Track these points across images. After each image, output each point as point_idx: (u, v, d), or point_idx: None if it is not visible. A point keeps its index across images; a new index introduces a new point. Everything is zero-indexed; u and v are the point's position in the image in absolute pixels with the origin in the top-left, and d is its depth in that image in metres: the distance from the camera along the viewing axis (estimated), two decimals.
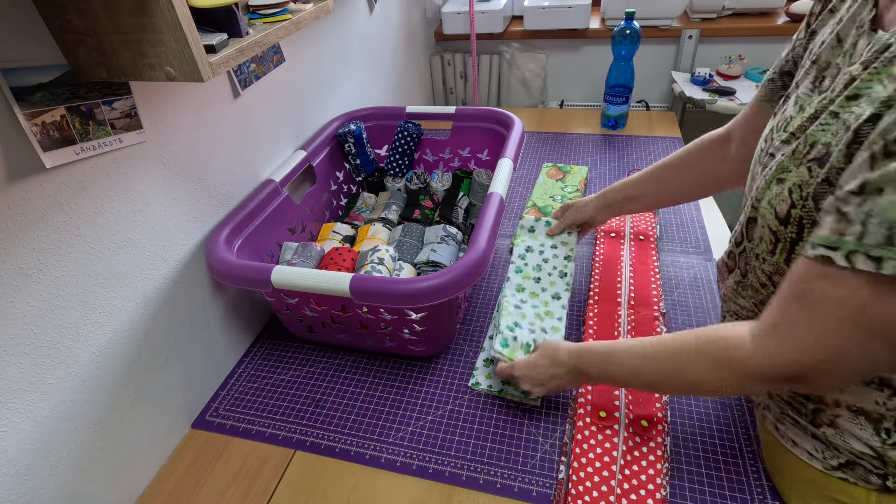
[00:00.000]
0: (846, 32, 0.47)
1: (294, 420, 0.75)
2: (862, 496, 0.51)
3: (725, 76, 1.66)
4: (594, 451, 0.64)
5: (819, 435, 0.52)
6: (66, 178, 0.55)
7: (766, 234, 0.51)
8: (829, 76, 0.47)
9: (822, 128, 0.44)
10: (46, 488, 0.57)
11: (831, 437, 0.51)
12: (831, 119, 0.43)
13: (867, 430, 0.48)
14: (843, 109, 0.42)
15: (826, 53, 0.49)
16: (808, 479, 0.55)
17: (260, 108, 0.89)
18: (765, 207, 0.50)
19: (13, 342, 0.52)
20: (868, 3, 0.45)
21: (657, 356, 0.54)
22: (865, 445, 0.49)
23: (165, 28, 0.47)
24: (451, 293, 0.64)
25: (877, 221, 0.36)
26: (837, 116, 0.42)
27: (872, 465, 0.49)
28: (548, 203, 1.11)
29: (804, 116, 0.47)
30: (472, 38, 1.74)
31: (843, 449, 0.51)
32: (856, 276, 0.38)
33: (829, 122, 0.43)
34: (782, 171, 0.48)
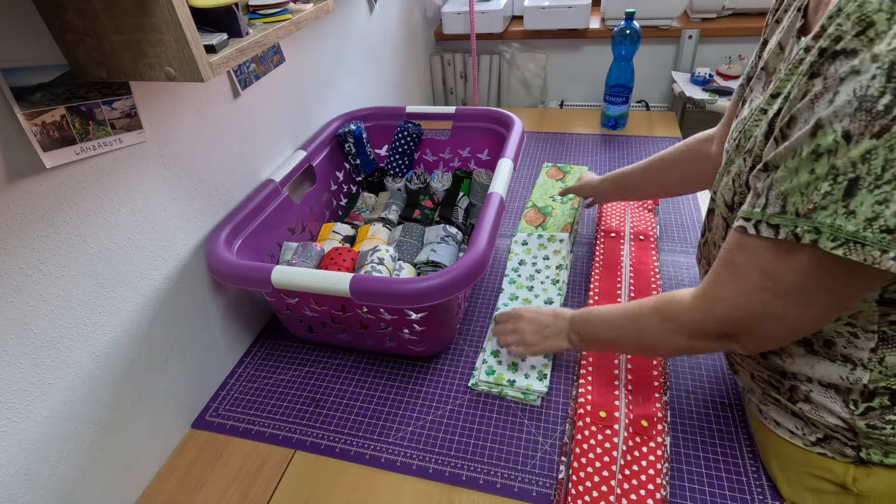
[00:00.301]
0: (786, 40, 0.51)
1: (294, 420, 0.75)
2: (840, 470, 0.53)
3: (725, 76, 1.66)
4: (594, 451, 0.64)
5: (797, 412, 0.55)
6: (66, 178, 0.55)
7: (719, 222, 0.57)
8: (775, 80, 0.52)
9: (754, 123, 0.50)
10: (46, 488, 0.57)
11: (808, 412, 0.53)
12: (761, 115, 0.49)
13: (837, 402, 0.51)
14: (769, 106, 0.47)
15: (772, 60, 0.53)
16: (792, 458, 0.57)
17: (260, 108, 0.89)
18: (718, 197, 0.56)
19: (13, 342, 0.52)
20: (799, 13, 0.49)
21: (625, 318, 0.62)
22: (837, 418, 0.51)
23: (165, 28, 0.47)
24: (451, 293, 0.64)
25: (774, 194, 0.41)
26: (765, 112, 0.48)
27: (846, 437, 0.52)
28: (547, 203, 1.11)
29: (750, 115, 0.52)
30: (472, 38, 1.74)
31: (819, 424, 0.53)
32: (761, 242, 0.43)
33: (759, 118, 0.49)
34: (729, 164, 0.53)
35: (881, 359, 0.47)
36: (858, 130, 0.35)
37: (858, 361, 0.48)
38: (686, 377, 0.75)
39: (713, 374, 0.75)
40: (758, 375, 0.59)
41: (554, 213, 1.07)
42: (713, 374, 0.75)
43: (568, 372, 0.77)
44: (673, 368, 0.76)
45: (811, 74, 0.39)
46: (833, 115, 0.36)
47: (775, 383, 0.56)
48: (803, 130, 0.38)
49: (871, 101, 0.34)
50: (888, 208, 0.35)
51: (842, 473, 0.53)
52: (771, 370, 0.56)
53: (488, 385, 0.76)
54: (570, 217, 1.04)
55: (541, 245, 0.98)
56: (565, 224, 1.03)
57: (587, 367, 0.74)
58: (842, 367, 0.50)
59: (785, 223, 0.40)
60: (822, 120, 0.37)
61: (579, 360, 0.76)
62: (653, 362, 0.73)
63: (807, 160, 0.38)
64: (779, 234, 0.41)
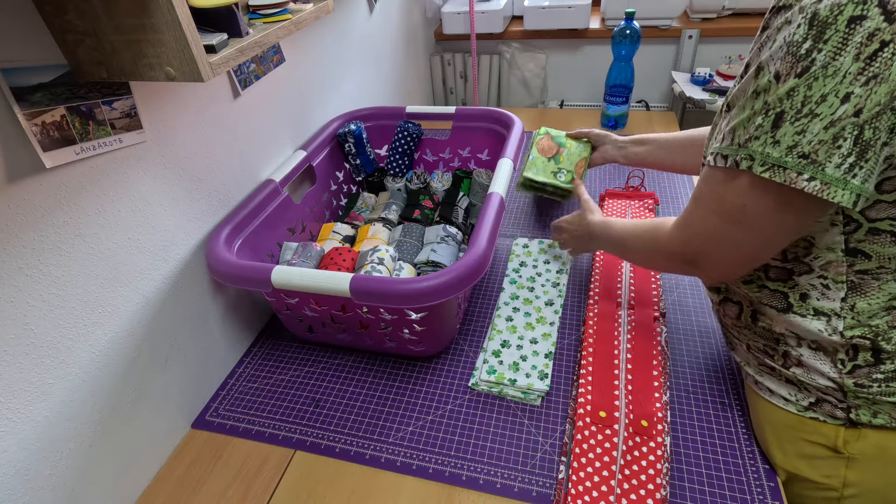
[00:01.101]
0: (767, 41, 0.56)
1: (294, 420, 0.75)
2: (832, 433, 0.55)
3: (725, 76, 1.66)
4: (594, 451, 0.64)
5: (791, 377, 0.57)
6: (66, 178, 0.55)
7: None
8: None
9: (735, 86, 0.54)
10: (46, 488, 0.57)
11: (801, 376, 0.56)
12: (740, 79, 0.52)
13: (826, 363, 0.53)
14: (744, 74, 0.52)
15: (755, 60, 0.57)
16: (785, 424, 0.59)
17: (260, 108, 0.89)
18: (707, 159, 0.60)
19: (13, 342, 0.52)
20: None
21: (627, 235, 0.70)
22: (827, 379, 0.54)
23: (165, 28, 0.47)
24: (451, 293, 0.64)
25: (728, 129, 0.47)
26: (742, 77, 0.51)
27: (836, 398, 0.54)
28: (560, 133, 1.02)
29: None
30: (472, 38, 1.74)
31: (811, 387, 0.56)
32: (716, 171, 0.49)
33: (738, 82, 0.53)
34: (714, 126, 0.57)
35: (852, 306, 0.51)
36: (785, 71, 0.41)
37: (832, 312, 0.52)
38: (686, 377, 0.75)
39: (713, 374, 0.75)
40: (753, 346, 0.61)
41: (569, 146, 1.00)
42: (713, 374, 0.75)
43: (568, 372, 0.77)
44: (673, 368, 0.76)
45: (763, 28, 0.45)
46: (769, 58, 0.42)
47: (770, 351, 0.59)
48: (749, 73, 0.45)
49: (796, 46, 0.40)
50: (804, 137, 0.41)
51: (833, 436, 0.55)
52: (764, 338, 0.59)
53: (489, 385, 0.76)
54: (586, 151, 0.99)
55: (541, 250, 1.00)
56: (580, 160, 0.99)
57: (587, 367, 0.74)
58: (818, 320, 0.53)
59: (730, 153, 0.46)
60: (762, 63, 0.43)
61: (579, 361, 0.77)
62: (652, 362, 0.73)
63: (750, 98, 0.44)
64: (726, 163, 0.46)
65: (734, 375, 0.74)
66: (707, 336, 0.80)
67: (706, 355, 0.77)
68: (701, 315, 0.84)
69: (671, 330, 0.82)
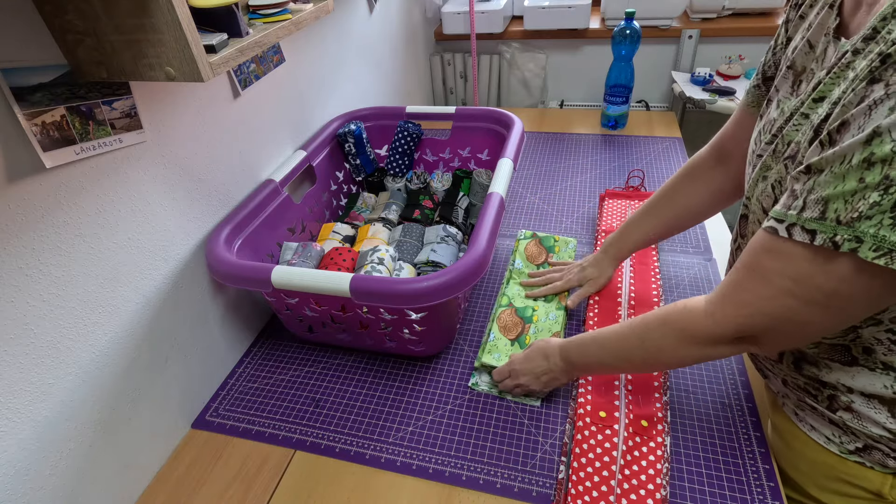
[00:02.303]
0: (816, 38, 0.49)
1: (294, 420, 0.75)
2: (877, 479, 0.53)
3: (725, 76, 1.66)
4: (594, 451, 0.64)
5: (836, 420, 0.54)
6: (66, 178, 0.55)
7: (756, 229, 0.54)
8: (806, 80, 0.50)
9: (794, 128, 0.48)
10: (46, 488, 0.57)
11: (849, 421, 0.53)
12: (802, 120, 0.47)
13: (882, 413, 0.50)
14: (811, 111, 0.46)
15: (800, 58, 0.51)
16: (825, 463, 0.57)
17: (260, 108, 0.89)
18: (754, 204, 0.54)
19: (13, 342, 0.52)
20: (833, 11, 0.47)
21: (626, 333, 0.60)
22: (883, 429, 0.50)
23: (165, 28, 0.47)
24: (451, 293, 0.64)
25: (814, 198, 0.39)
26: (807, 117, 0.46)
27: (890, 448, 0.51)
28: (527, 304, 0.86)
29: (783, 118, 0.50)
30: (472, 38, 1.74)
31: (860, 433, 0.52)
32: (795, 247, 0.41)
33: (800, 123, 0.47)
34: (766, 169, 0.52)
35: None
36: None
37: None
38: (686, 377, 0.75)
39: (713, 374, 0.75)
40: (792, 382, 0.58)
41: (535, 319, 0.83)
42: (713, 374, 0.75)
43: None
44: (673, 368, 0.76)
45: (871, 80, 0.37)
46: (893, 124, 0.34)
47: (812, 391, 0.56)
48: (857, 137, 0.36)
49: None
50: None
51: (879, 483, 0.53)
52: (807, 378, 0.55)
53: (488, 385, 0.76)
54: (559, 322, 0.81)
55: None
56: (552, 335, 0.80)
57: None
58: (884, 375, 0.49)
59: (823, 229, 0.38)
60: (881, 128, 0.35)
61: None
62: None
63: (857, 167, 0.36)
64: (815, 240, 0.39)
65: (734, 375, 0.74)
66: None
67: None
68: None
69: None
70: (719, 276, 0.90)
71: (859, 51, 0.40)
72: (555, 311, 0.84)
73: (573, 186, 1.20)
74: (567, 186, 1.20)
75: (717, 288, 0.51)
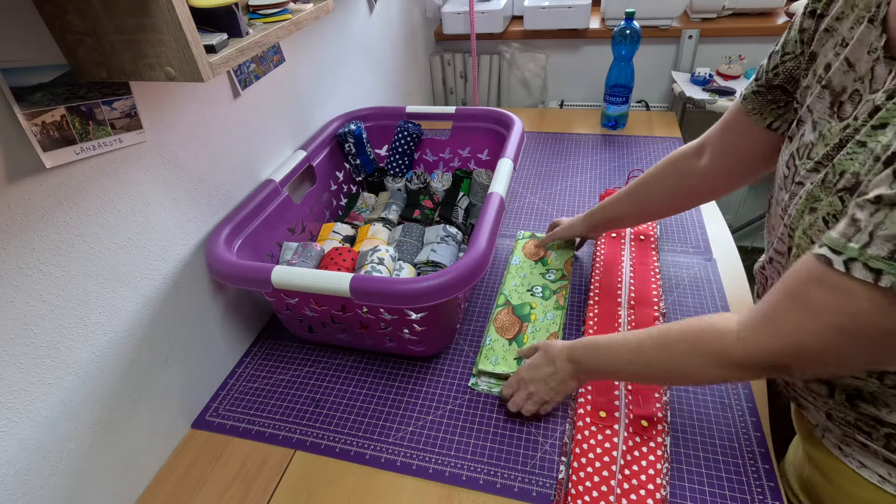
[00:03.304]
0: (857, 57, 0.46)
1: (294, 420, 0.75)
2: None
3: (725, 76, 1.66)
4: (594, 451, 0.64)
5: (893, 460, 0.51)
6: (66, 178, 0.55)
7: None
8: (851, 103, 0.46)
9: (849, 157, 0.44)
10: (46, 488, 0.57)
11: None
12: (858, 148, 0.43)
13: None
14: (869, 139, 0.42)
15: (838, 78, 0.48)
16: (875, 502, 0.53)
17: (260, 108, 0.89)
18: (800, 237, 0.50)
19: (13, 342, 0.52)
20: (875, 26, 0.44)
21: (649, 348, 0.56)
22: None
23: (165, 28, 0.47)
24: (451, 293, 0.64)
25: (885, 234, 0.36)
26: (864, 145, 0.42)
27: None
28: (525, 301, 0.87)
29: (828, 145, 0.47)
30: (472, 38, 1.74)
31: None
32: (853, 283, 0.38)
33: (856, 151, 0.43)
34: (814, 201, 0.47)
35: None
36: None
37: None
38: None
39: None
40: (839, 417, 0.55)
41: (533, 318, 0.84)
42: None
43: None
44: None
45: None
46: None
47: (866, 428, 0.53)
48: None
49: None
50: None
51: None
52: (861, 415, 0.52)
53: (488, 385, 0.76)
54: (556, 322, 0.83)
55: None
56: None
57: None
58: None
59: (893, 271, 0.36)
60: None
61: None
62: None
63: None
64: (880, 281, 0.36)
65: None
66: None
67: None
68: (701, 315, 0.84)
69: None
70: (719, 276, 0.90)
71: None
72: (552, 310, 0.85)
73: (573, 186, 1.20)
74: (567, 186, 1.20)
75: (753, 311, 0.48)
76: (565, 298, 0.87)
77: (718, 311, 0.84)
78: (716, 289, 0.88)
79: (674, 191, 0.77)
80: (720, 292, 0.87)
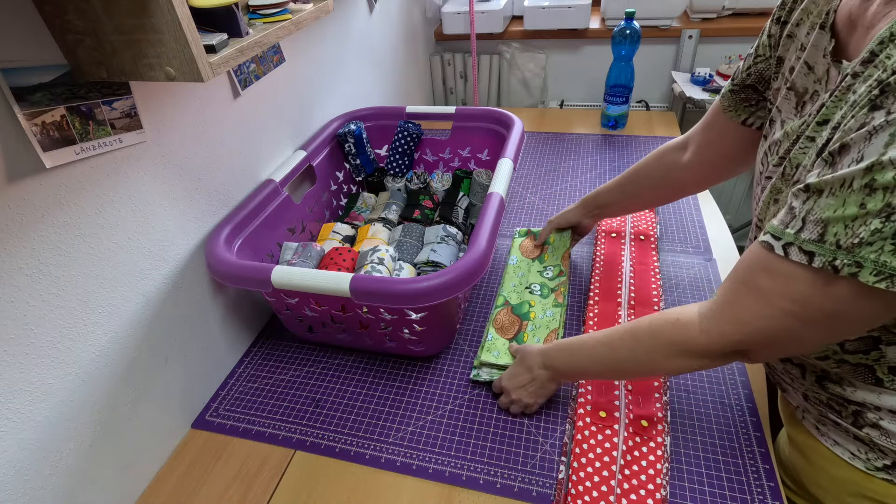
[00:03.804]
0: (813, 60, 0.49)
1: (294, 420, 0.75)
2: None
3: (725, 76, 1.65)
4: (594, 451, 0.64)
5: (862, 437, 0.53)
6: (66, 178, 0.55)
7: None
8: (811, 102, 0.50)
9: (801, 151, 0.48)
10: (46, 488, 0.57)
11: (876, 438, 0.52)
12: (808, 143, 0.47)
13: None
14: (816, 133, 0.46)
15: (800, 80, 0.51)
16: (849, 480, 0.55)
17: (260, 108, 0.89)
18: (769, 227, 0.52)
19: (13, 342, 0.52)
20: (826, 31, 0.47)
21: (616, 343, 0.59)
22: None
23: (165, 28, 0.47)
24: (451, 293, 0.64)
25: (813, 219, 0.39)
26: (813, 140, 0.46)
27: None
28: (524, 299, 0.86)
29: (789, 141, 0.51)
30: (472, 38, 1.74)
31: (888, 451, 0.51)
32: (793, 268, 0.41)
33: (806, 146, 0.47)
34: (776, 192, 0.52)
35: None
36: None
37: None
38: (686, 378, 0.75)
39: (713, 374, 0.75)
40: (813, 397, 0.57)
41: (533, 316, 0.83)
42: (713, 375, 0.75)
43: None
44: None
45: (871, 107, 0.37)
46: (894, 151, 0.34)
47: (836, 407, 0.55)
48: (860, 165, 0.36)
49: None
50: None
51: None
52: (831, 395, 0.55)
53: (490, 374, 0.76)
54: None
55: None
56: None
57: None
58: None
59: (822, 252, 0.38)
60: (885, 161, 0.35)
61: None
62: None
63: (858, 192, 0.36)
64: (813, 262, 0.39)
65: (734, 376, 0.74)
66: None
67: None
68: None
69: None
70: (719, 276, 0.91)
71: (858, 74, 0.40)
72: (552, 308, 0.84)
73: (573, 186, 1.20)
74: (567, 186, 1.20)
75: (712, 302, 0.50)
76: (564, 295, 0.86)
77: None
78: (716, 289, 0.88)
79: (662, 181, 0.81)
80: None
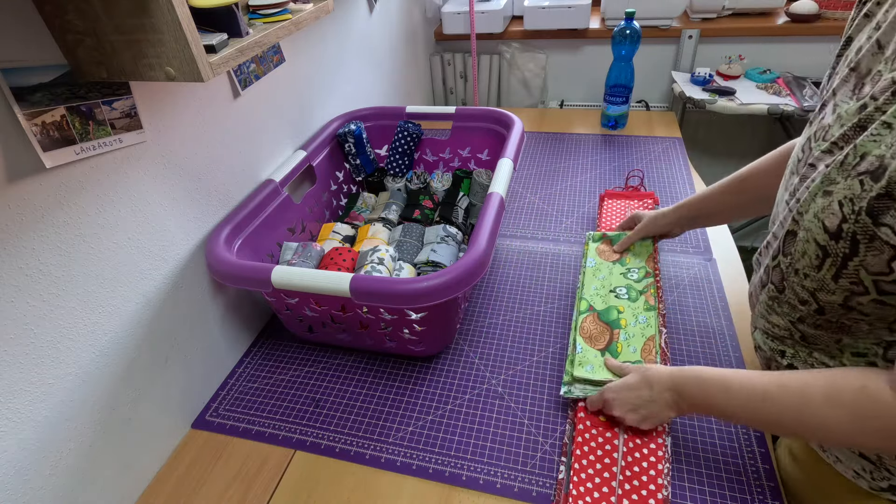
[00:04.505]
0: (888, 38, 0.44)
1: (294, 420, 0.75)
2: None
3: (725, 76, 1.66)
4: (594, 452, 0.64)
5: (868, 455, 0.52)
6: (66, 178, 0.55)
7: (810, 248, 0.48)
8: (871, 83, 0.44)
9: (873, 139, 0.41)
10: (46, 488, 0.57)
11: (884, 456, 0.50)
12: (884, 130, 0.40)
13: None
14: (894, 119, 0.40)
15: (866, 60, 0.46)
16: (852, 498, 0.54)
17: (260, 108, 0.89)
18: (810, 220, 0.47)
19: (13, 342, 0.52)
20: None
21: (778, 398, 0.51)
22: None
23: (165, 28, 0.47)
24: (451, 293, 0.64)
25: None
26: (891, 127, 0.40)
27: None
28: (610, 305, 0.78)
29: (845, 125, 0.45)
30: (472, 38, 1.74)
31: (894, 470, 0.50)
32: None
33: (881, 133, 0.40)
34: (829, 183, 0.45)
35: None
36: None
37: None
38: None
39: None
40: None
41: (624, 323, 0.75)
42: None
43: None
44: None
45: None
46: None
47: None
48: None
49: None
50: None
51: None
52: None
53: (584, 391, 0.69)
54: (651, 325, 0.74)
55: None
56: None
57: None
58: None
59: None
60: None
61: None
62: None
63: None
64: None
65: None
66: (707, 337, 0.80)
67: (707, 356, 0.77)
68: (701, 315, 0.84)
69: (671, 330, 0.82)
70: (720, 276, 0.90)
71: None
72: (643, 312, 0.75)
73: (573, 186, 1.20)
74: (567, 186, 1.20)
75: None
76: (655, 297, 0.78)
77: (718, 311, 0.84)
78: (716, 289, 0.88)
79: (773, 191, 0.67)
80: (720, 292, 0.87)
